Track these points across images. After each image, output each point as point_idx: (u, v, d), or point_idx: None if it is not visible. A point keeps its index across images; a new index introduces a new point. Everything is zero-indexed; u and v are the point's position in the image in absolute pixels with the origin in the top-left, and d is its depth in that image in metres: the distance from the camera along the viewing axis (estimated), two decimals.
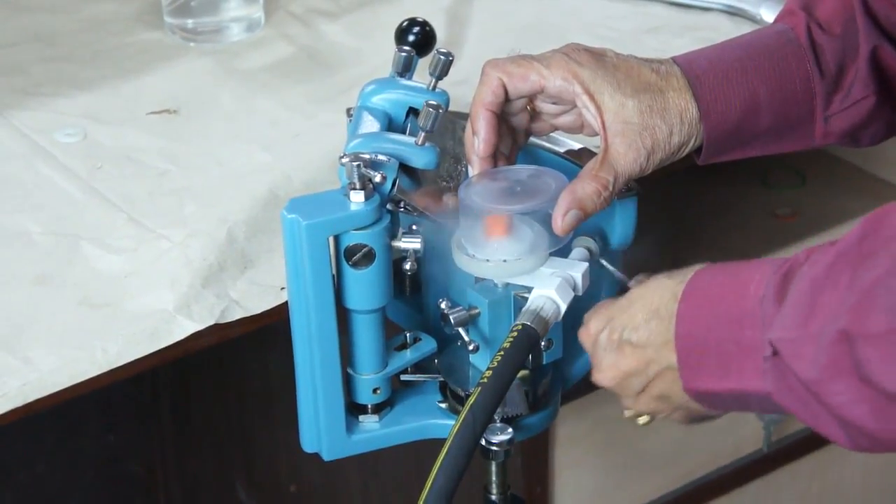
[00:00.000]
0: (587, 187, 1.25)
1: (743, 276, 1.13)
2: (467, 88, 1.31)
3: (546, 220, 1.25)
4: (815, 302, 1.06)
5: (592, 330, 1.23)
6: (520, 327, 1.22)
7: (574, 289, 1.26)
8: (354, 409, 1.32)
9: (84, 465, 2.28)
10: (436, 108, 1.26)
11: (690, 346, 1.15)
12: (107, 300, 1.37)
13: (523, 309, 1.24)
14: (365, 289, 1.26)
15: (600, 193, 1.25)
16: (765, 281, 1.11)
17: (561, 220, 1.24)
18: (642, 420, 1.26)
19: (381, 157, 1.26)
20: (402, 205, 1.28)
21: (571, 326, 1.32)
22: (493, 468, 1.33)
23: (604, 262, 1.31)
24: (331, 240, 1.24)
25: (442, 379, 1.34)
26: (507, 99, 1.29)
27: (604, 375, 1.23)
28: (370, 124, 1.30)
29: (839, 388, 1.04)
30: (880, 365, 1.01)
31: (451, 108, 1.32)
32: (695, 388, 1.16)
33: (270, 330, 1.37)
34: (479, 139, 1.28)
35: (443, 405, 1.34)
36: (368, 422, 1.32)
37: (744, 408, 1.15)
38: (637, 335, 1.19)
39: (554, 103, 1.31)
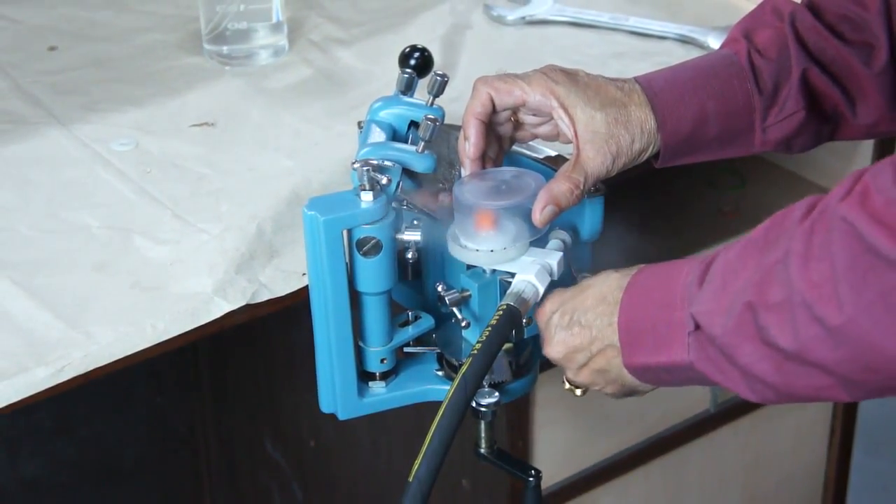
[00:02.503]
0: (562, 186, 1.25)
1: (675, 270, 1.15)
2: (460, 104, 1.31)
3: (527, 215, 1.24)
4: (727, 280, 1.08)
5: (547, 310, 1.24)
6: (504, 307, 1.21)
7: (551, 274, 1.25)
8: (365, 377, 1.32)
9: (136, 423, 2.28)
10: (434, 121, 1.25)
11: (630, 328, 1.16)
12: (155, 284, 1.36)
13: (507, 291, 1.24)
14: (373, 274, 1.25)
15: (573, 191, 1.25)
16: (691, 271, 1.13)
17: (539, 214, 1.24)
18: (578, 392, 1.27)
19: (387, 162, 1.25)
20: (404, 203, 1.28)
21: None
22: (482, 426, 1.33)
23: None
24: (344, 233, 1.23)
25: (439, 351, 1.33)
26: (494, 110, 1.28)
27: (553, 349, 1.23)
28: (378, 135, 1.29)
29: (747, 350, 1.06)
30: (777, 329, 1.03)
31: (447, 121, 1.32)
32: (632, 363, 1.17)
33: (294, 309, 1.36)
34: (469, 143, 1.28)
35: (439, 373, 1.33)
36: (377, 387, 1.32)
37: (672, 379, 1.16)
38: (585, 317, 1.20)
39: (534, 115, 1.30)
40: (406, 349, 1.33)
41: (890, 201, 0.96)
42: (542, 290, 1.24)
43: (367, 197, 1.22)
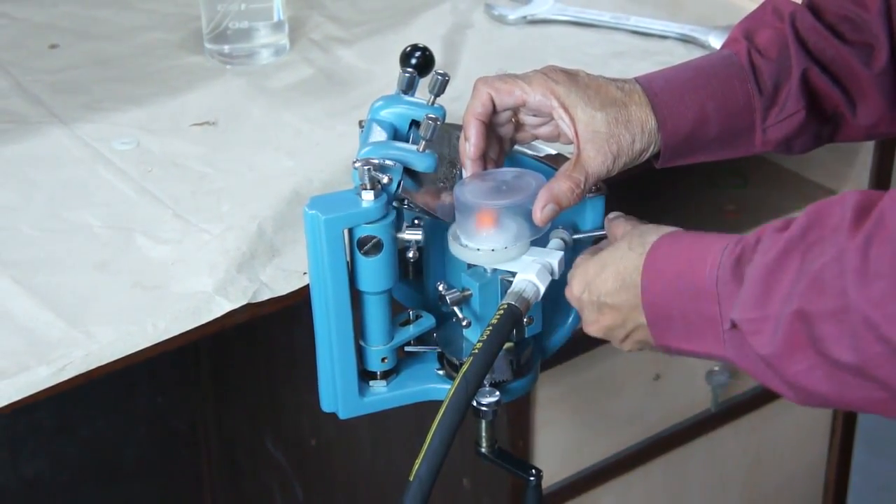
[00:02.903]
0: (562, 185, 1.25)
1: (696, 253, 1.13)
2: (461, 104, 1.31)
3: (528, 214, 1.25)
4: (770, 286, 1.05)
5: (576, 292, 1.23)
6: (505, 306, 1.21)
7: (551, 273, 1.25)
8: (366, 376, 1.32)
9: (137, 422, 2.28)
10: (434, 120, 1.25)
11: (656, 313, 1.16)
12: (156, 283, 1.36)
13: (508, 291, 1.24)
14: (374, 273, 1.26)
15: (573, 190, 1.25)
16: (717, 262, 1.10)
17: (540, 213, 1.24)
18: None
19: (388, 162, 1.25)
20: (405, 202, 1.28)
21: (550, 305, 1.32)
22: (483, 425, 1.33)
23: (581, 235, 1.31)
24: (345, 232, 1.23)
25: (440, 350, 1.33)
26: (494, 111, 1.28)
27: (591, 328, 1.23)
28: (379, 134, 1.29)
29: (797, 359, 1.04)
30: (834, 341, 1.01)
31: (448, 120, 1.32)
32: (664, 345, 1.17)
33: (295, 308, 1.37)
34: (470, 144, 1.28)
35: (440, 372, 1.33)
36: (377, 386, 1.32)
37: (706, 358, 1.15)
38: (611, 299, 1.19)
39: (534, 116, 1.30)
40: (407, 348, 1.33)
41: None
42: (543, 289, 1.24)
43: (368, 196, 1.22)
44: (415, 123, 1.31)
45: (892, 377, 0.99)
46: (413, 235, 1.27)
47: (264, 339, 2.06)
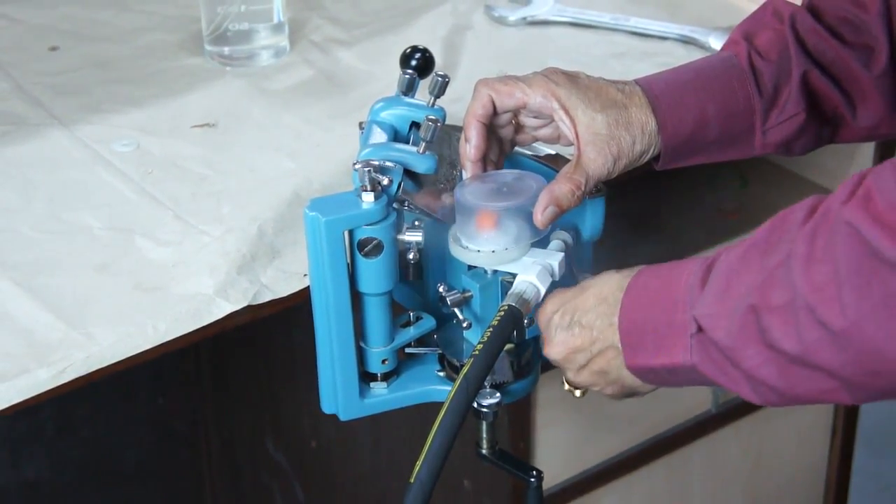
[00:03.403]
0: (563, 187, 1.25)
1: (676, 271, 1.15)
2: (461, 105, 1.31)
3: (528, 216, 1.25)
4: (730, 283, 1.08)
5: (548, 311, 1.24)
6: (506, 308, 1.22)
7: (552, 275, 1.26)
8: (366, 377, 1.32)
9: (138, 423, 2.28)
10: (435, 121, 1.26)
11: (631, 328, 1.16)
12: (157, 285, 1.36)
13: (509, 292, 1.24)
14: (375, 275, 1.26)
15: (574, 192, 1.25)
16: (692, 273, 1.13)
17: (541, 215, 1.24)
18: (577, 393, 1.27)
19: (388, 163, 1.25)
20: (406, 204, 1.28)
21: None
22: (484, 427, 1.33)
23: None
24: (346, 234, 1.23)
25: (440, 351, 1.34)
26: (495, 112, 1.29)
27: (554, 350, 1.23)
28: (379, 136, 1.29)
29: (750, 353, 1.06)
30: (780, 332, 1.03)
31: (448, 121, 1.32)
32: (634, 364, 1.17)
33: (295, 310, 1.37)
34: (470, 145, 1.28)
35: (441, 374, 1.34)
36: (378, 388, 1.32)
37: (674, 380, 1.16)
38: (586, 318, 1.20)
39: (535, 117, 1.31)
40: (407, 350, 1.33)
41: (893, 204, 0.96)
42: (543, 290, 1.25)
43: (368, 198, 1.22)
44: (415, 125, 1.31)
45: (832, 363, 1.01)
46: (413, 237, 1.27)
47: (265, 341, 2.07)
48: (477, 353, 1.18)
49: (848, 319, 0.98)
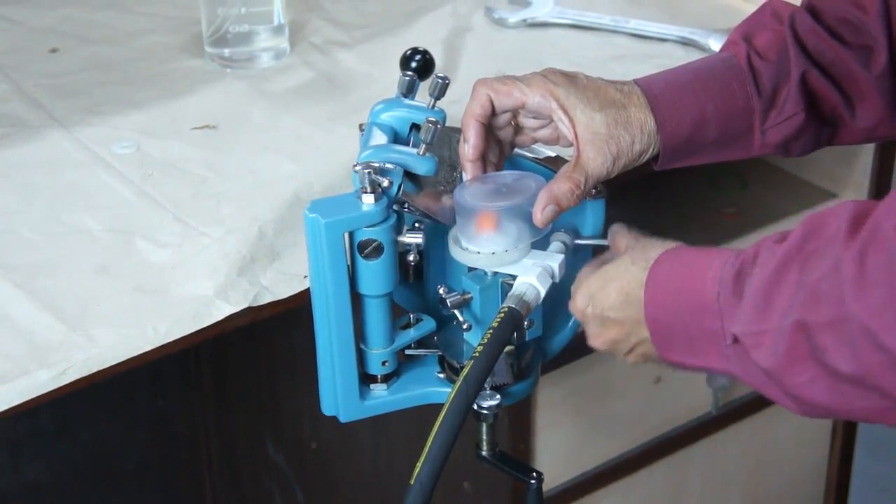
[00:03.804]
0: (562, 186, 1.25)
1: (697, 268, 1.13)
2: (461, 107, 1.31)
3: (528, 217, 1.25)
4: (770, 299, 1.05)
5: (580, 305, 1.23)
6: (506, 309, 1.22)
7: (552, 276, 1.26)
8: (366, 379, 1.32)
9: (138, 425, 2.28)
10: (435, 123, 1.26)
11: (659, 327, 1.16)
12: (157, 287, 1.37)
13: (509, 294, 1.24)
14: (375, 277, 1.26)
15: (573, 191, 1.25)
16: (718, 277, 1.10)
17: (540, 214, 1.24)
18: None
19: (388, 165, 1.25)
20: (406, 206, 1.28)
21: (550, 308, 1.32)
22: (484, 428, 1.33)
23: (582, 242, 1.31)
24: (346, 235, 1.23)
25: (440, 353, 1.34)
26: (493, 112, 1.28)
27: (596, 342, 1.23)
28: (379, 138, 1.29)
29: (797, 371, 1.04)
30: (835, 351, 1.01)
31: (448, 123, 1.32)
32: (668, 358, 1.17)
33: (295, 312, 1.37)
34: (469, 145, 1.28)
35: (441, 375, 1.34)
36: (378, 389, 1.32)
37: (709, 373, 1.15)
38: (615, 314, 1.19)
39: (534, 118, 1.31)
40: (407, 351, 1.33)
41: None
42: (543, 292, 1.25)
43: (368, 199, 1.22)
44: (415, 127, 1.31)
45: (892, 386, 0.99)
46: (413, 239, 1.27)
47: (265, 343, 2.07)
48: (477, 354, 1.18)
49: None
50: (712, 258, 1.13)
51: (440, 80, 1.30)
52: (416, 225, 1.29)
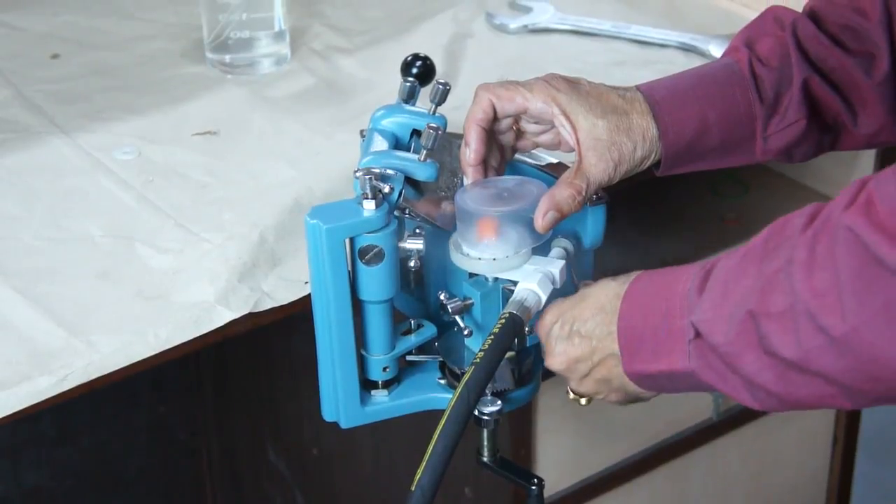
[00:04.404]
0: (564, 192, 1.25)
1: (673, 277, 1.15)
2: (462, 113, 1.31)
3: (529, 222, 1.25)
4: (728, 289, 1.08)
5: (547, 322, 1.24)
6: (507, 315, 1.21)
7: (553, 282, 1.25)
8: (367, 385, 1.32)
9: (139, 431, 2.28)
10: (436, 129, 1.26)
11: (630, 336, 1.16)
12: (158, 293, 1.36)
13: (510, 300, 1.24)
14: (376, 283, 1.26)
15: (575, 197, 1.25)
16: (690, 278, 1.13)
17: (541, 219, 1.24)
18: (583, 401, 1.28)
19: (389, 171, 1.25)
20: (407, 212, 1.28)
21: None
22: (485, 434, 1.33)
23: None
24: (347, 241, 1.23)
25: (441, 359, 1.34)
26: (495, 118, 1.29)
27: (555, 360, 1.23)
28: (380, 143, 1.29)
29: (748, 359, 1.06)
30: (779, 338, 1.03)
31: (449, 129, 1.32)
32: (633, 371, 1.17)
33: (296, 318, 1.37)
34: (470, 150, 1.28)
35: (442, 381, 1.34)
36: (379, 395, 1.32)
37: (673, 387, 1.16)
38: (585, 327, 1.20)
39: (535, 123, 1.31)
40: (408, 357, 1.33)
41: (894, 211, 0.96)
42: (544, 298, 1.24)
43: (369, 205, 1.22)
44: (416, 133, 1.31)
45: (832, 369, 1.01)
46: (414, 244, 1.27)
47: (266, 349, 2.06)
48: (478, 360, 1.17)
49: (848, 325, 0.98)
50: (689, 266, 1.15)
51: (441, 87, 1.30)
52: (417, 231, 1.29)
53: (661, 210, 1.87)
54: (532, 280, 1.24)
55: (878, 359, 0.98)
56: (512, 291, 1.25)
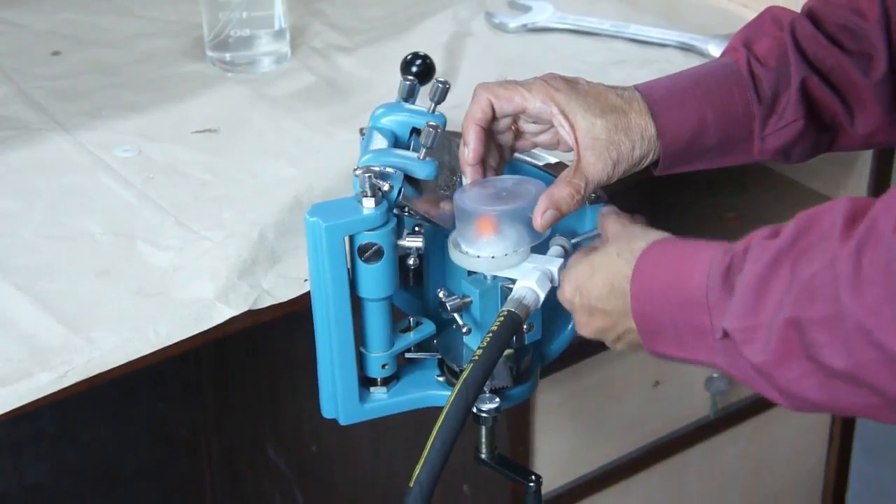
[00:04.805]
0: (563, 191, 1.25)
1: (686, 265, 1.12)
2: (461, 111, 1.31)
3: (528, 221, 1.25)
4: (761, 295, 1.04)
5: (567, 294, 1.22)
6: (505, 313, 1.21)
7: (551, 281, 1.25)
8: (366, 382, 1.32)
9: (138, 428, 2.28)
10: (435, 128, 1.26)
11: (646, 320, 1.15)
12: (158, 290, 1.36)
13: (508, 298, 1.24)
14: (375, 280, 1.26)
15: (573, 196, 1.25)
16: (706, 271, 1.09)
17: (540, 218, 1.24)
18: None
19: (388, 169, 1.25)
20: (406, 210, 1.28)
21: (549, 312, 1.32)
22: (483, 432, 1.33)
23: (579, 240, 1.30)
24: (346, 239, 1.23)
25: (440, 356, 1.34)
26: (494, 117, 1.28)
27: (584, 330, 1.23)
28: (380, 142, 1.29)
29: (789, 367, 1.03)
30: (827, 347, 1.00)
31: (448, 128, 1.32)
32: (654, 351, 1.16)
33: (295, 315, 1.37)
34: (469, 149, 1.28)
35: (440, 379, 1.34)
36: (378, 392, 1.32)
37: (695, 365, 1.14)
38: (602, 304, 1.18)
39: (534, 123, 1.31)
40: (407, 355, 1.33)
41: None
42: (542, 296, 1.24)
43: (368, 203, 1.22)
44: (415, 131, 1.31)
45: (885, 383, 0.99)
46: (413, 242, 1.27)
47: (265, 346, 2.07)
48: (476, 358, 1.18)
49: None
50: (700, 252, 1.12)
51: (440, 85, 1.30)
52: (416, 229, 1.29)
53: (659, 209, 1.86)
54: (530, 278, 1.24)
55: None
56: (510, 289, 1.25)
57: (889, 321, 0.96)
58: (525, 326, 1.27)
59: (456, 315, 1.27)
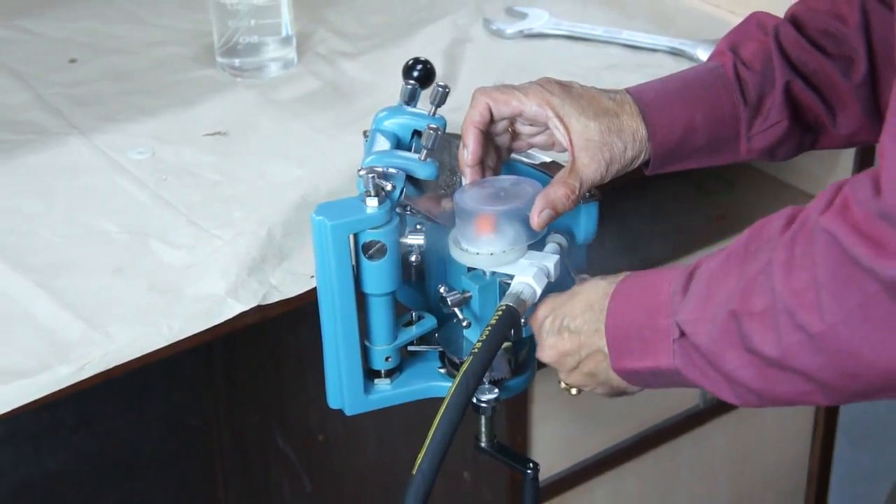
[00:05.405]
0: (558, 191, 1.25)
1: (659, 278, 1.15)
2: (461, 114, 1.31)
3: (525, 220, 1.25)
4: (711, 289, 1.07)
5: (540, 316, 1.23)
6: (504, 307, 1.22)
7: (548, 276, 1.26)
8: (370, 374, 1.32)
9: (153, 418, 2.28)
10: (436, 130, 1.26)
11: (617, 333, 1.16)
12: (171, 287, 1.37)
13: (507, 293, 1.24)
14: (378, 276, 1.26)
15: (569, 196, 1.25)
16: (675, 279, 1.12)
17: (537, 218, 1.24)
18: (573, 391, 1.27)
19: (391, 170, 1.26)
20: (408, 209, 1.28)
21: None
22: (483, 421, 1.33)
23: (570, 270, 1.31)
24: (351, 237, 1.23)
25: (441, 349, 1.34)
26: (492, 120, 1.29)
27: (545, 353, 1.23)
28: (382, 144, 1.29)
29: (730, 357, 1.06)
30: (760, 336, 1.03)
31: (448, 130, 1.32)
32: (621, 367, 1.17)
33: (302, 310, 1.37)
34: (468, 151, 1.28)
35: (442, 370, 1.34)
36: (382, 384, 1.32)
37: (658, 382, 1.16)
38: (574, 323, 1.19)
39: (530, 125, 1.31)
40: (410, 348, 1.33)
41: (869, 213, 0.96)
42: (539, 291, 1.24)
43: (372, 203, 1.22)
44: (417, 133, 1.31)
45: (809, 366, 1.01)
46: (415, 240, 1.27)
47: (274, 340, 2.06)
48: (476, 351, 1.18)
49: (825, 323, 0.98)
50: (674, 268, 1.14)
51: (441, 89, 1.30)
52: (418, 227, 1.29)
53: (650, 207, 1.87)
54: (528, 274, 1.24)
55: (854, 356, 0.98)
56: (509, 285, 1.25)
57: (811, 303, 0.98)
58: (522, 320, 1.27)
59: (456, 309, 1.27)
